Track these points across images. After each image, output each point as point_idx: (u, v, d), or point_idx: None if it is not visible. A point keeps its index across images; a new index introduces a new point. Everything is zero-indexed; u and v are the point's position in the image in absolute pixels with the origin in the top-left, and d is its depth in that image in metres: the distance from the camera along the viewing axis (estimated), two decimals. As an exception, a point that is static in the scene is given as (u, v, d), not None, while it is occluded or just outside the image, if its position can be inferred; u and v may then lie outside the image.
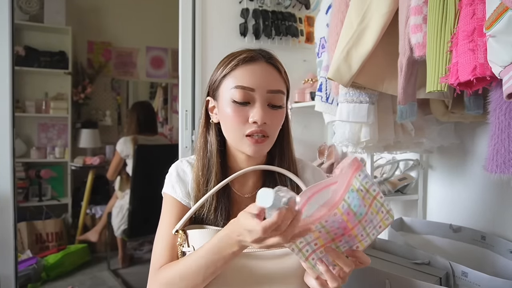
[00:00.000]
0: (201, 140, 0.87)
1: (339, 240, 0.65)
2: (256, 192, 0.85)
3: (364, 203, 0.64)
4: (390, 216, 0.68)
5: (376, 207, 0.66)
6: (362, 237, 0.66)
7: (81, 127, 3.60)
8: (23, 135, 3.36)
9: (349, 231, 0.64)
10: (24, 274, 2.43)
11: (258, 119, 0.76)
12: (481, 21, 0.74)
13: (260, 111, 0.76)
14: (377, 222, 0.67)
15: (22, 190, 3.24)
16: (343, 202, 0.63)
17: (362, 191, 0.64)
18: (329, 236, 0.64)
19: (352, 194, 0.64)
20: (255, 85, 0.78)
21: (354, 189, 0.64)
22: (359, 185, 0.64)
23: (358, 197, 0.64)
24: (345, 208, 0.63)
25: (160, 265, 0.78)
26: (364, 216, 0.65)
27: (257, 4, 1.98)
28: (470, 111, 1.01)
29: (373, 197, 0.65)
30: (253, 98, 0.78)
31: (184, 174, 0.86)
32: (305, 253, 0.64)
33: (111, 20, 3.84)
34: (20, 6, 3.21)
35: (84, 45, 3.75)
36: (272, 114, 0.79)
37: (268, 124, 0.78)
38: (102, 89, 3.87)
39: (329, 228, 0.63)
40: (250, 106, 0.78)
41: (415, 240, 1.36)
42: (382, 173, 1.65)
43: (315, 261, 0.65)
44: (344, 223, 0.63)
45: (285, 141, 0.88)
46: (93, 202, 3.39)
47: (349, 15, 1.15)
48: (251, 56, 0.80)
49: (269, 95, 0.79)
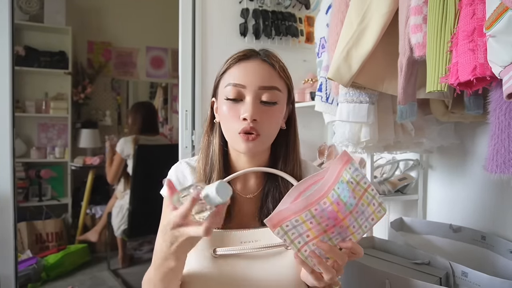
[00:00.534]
0: (205, 141, 0.87)
1: (331, 231, 0.65)
2: (257, 193, 0.86)
3: (354, 195, 0.65)
4: (382, 208, 0.68)
5: (368, 199, 0.66)
6: (354, 228, 0.66)
7: (81, 127, 3.60)
8: (23, 135, 3.36)
9: (340, 222, 0.65)
10: (24, 274, 2.43)
11: (248, 115, 0.76)
12: (481, 21, 0.74)
13: (249, 108, 0.76)
14: (369, 214, 0.67)
15: (22, 190, 3.24)
16: (333, 192, 0.64)
17: (352, 183, 0.64)
18: (321, 227, 0.64)
19: (342, 185, 0.64)
20: (246, 81, 0.78)
21: (344, 181, 0.64)
22: (349, 177, 0.65)
23: (348, 189, 0.64)
24: (335, 198, 0.64)
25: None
26: (354, 207, 0.65)
27: (257, 4, 1.98)
28: (470, 111, 1.01)
29: (364, 189, 0.66)
30: (245, 94, 0.78)
31: (183, 178, 0.86)
32: (297, 244, 0.64)
33: (111, 20, 3.84)
34: (20, 6, 3.21)
35: (84, 45, 3.75)
36: (264, 111, 0.78)
37: (259, 121, 0.77)
38: (102, 89, 3.87)
39: (320, 218, 0.63)
40: (242, 103, 0.78)
41: (415, 240, 1.36)
42: (382, 173, 1.65)
43: (307, 253, 0.65)
44: (334, 213, 0.64)
45: (291, 143, 0.87)
46: (93, 202, 3.39)
47: (349, 15, 1.15)
48: (244, 54, 0.81)
49: (261, 91, 0.78)
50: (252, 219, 0.84)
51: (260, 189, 0.86)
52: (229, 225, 0.81)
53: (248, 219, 0.84)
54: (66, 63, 3.41)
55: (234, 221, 0.82)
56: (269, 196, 0.84)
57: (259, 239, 0.78)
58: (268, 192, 0.84)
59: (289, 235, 0.63)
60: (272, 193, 0.84)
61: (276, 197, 0.83)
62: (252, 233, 0.78)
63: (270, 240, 0.77)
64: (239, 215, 0.84)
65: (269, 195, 0.84)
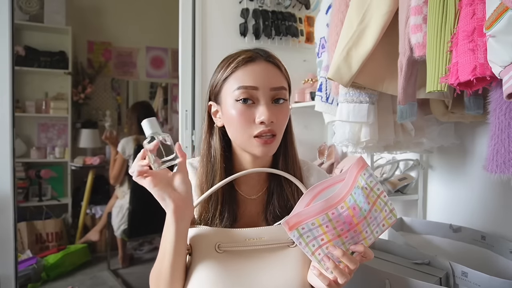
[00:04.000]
0: (205, 146, 0.86)
1: (345, 236, 0.66)
2: (262, 194, 0.86)
3: (368, 201, 0.66)
4: (393, 215, 0.69)
5: (380, 205, 0.68)
6: (366, 233, 0.67)
7: (81, 127, 3.60)
8: (23, 135, 3.36)
9: (354, 227, 0.66)
10: (24, 274, 2.43)
11: (265, 118, 0.76)
12: (481, 21, 0.74)
13: (266, 111, 0.76)
14: (381, 220, 0.68)
15: (22, 190, 3.24)
16: (350, 196, 0.65)
17: (366, 189, 0.66)
18: (336, 232, 0.65)
19: (357, 191, 0.65)
20: (258, 83, 0.78)
21: (360, 186, 0.65)
22: (364, 183, 0.66)
23: (363, 194, 0.65)
24: (352, 203, 0.65)
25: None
26: (368, 213, 0.66)
27: (257, 4, 1.98)
28: (470, 111, 1.01)
29: (377, 196, 0.67)
30: (257, 97, 0.78)
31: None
32: (311, 247, 0.65)
33: (111, 20, 3.84)
34: (20, 6, 3.21)
35: (84, 45, 3.75)
36: (278, 110, 0.79)
37: (275, 123, 0.78)
38: (102, 89, 3.87)
39: (336, 223, 0.64)
40: (255, 106, 0.78)
41: (415, 240, 1.36)
42: (382, 173, 1.65)
43: (321, 257, 0.66)
44: (350, 217, 0.65)
45: (288, 141, 0.87)
46: (93, 202, 3.39)
47: (349, 15, 1.15)
48: (249, 56, 0.80)
49: (272, 92, 0.79)
50: (258, 219, 0.84)
51: (264, 189, 0.87)
52: (235, 226, 0.81)
53: (253, 219, 0.84)
54: (66, 63, 3.41)
55: (240, 223, 0.83)
56: (274, 196, 0.84)
57: (263, 237, 0.78)
58: (273, 191, 0.85)
59: (304, 238, 0.64)
60: (277, 193, 0.84)
61: (281, 196, 0.84)
62: (257, 231, 0.78)
63: (275, 238, 0.78)
64: (244, 216, 0.84)
65: (274, 195, 0.84)
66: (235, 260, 0.76)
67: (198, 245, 0.77)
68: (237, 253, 0.77)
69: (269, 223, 0.82)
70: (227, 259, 0.76)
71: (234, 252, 0.77)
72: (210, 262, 0.75)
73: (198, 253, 0.77)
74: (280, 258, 0.77)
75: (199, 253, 0.77)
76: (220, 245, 0.76)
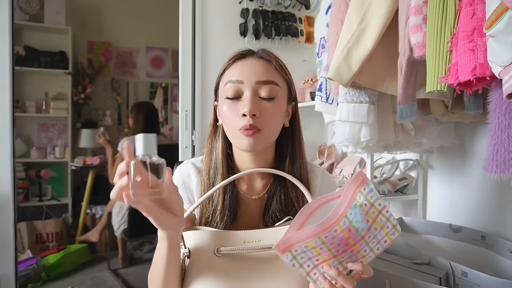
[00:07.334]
0: (208, 145, 0.87)
1: (341, 256, 0.64)
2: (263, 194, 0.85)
3: (367, 218, 0.63)
4: (396, 230, 0.66)
5: (381, 222, 0.64)
6: (365, 252, 0.65)
7: (81, 127, 3.60)
8: (23, 135, 3.36)
9: (351, 247, 0.64)
10: (24, 274, 2.43)
11: (247, 111, 0.75)
12: (481, 21, 0.74)
13: (248, 103, 0.76)
14: (382, 237, 0.66)
15: (22, 190, 3.24)
16: (344, 219, 0.62)
17: (366, 205, 0.62)
18: (331, 253, 0.63)
19: (354, 210, 0.62)
20: (243, 77, 0.78)
21: (358, 204, 0.62)
22: (363, 199, 0.62)
23: (361, 213, 0.62)
24: (347, 225, 0.62)
25: None
26: (366, 232, 0.63)
27: (257, 4, 1.98)
28: (470, 111, 1.01)
29: (379, 212, 0.64)
30: (243, 91, 0.78)
31: (189, 179, 0.87)
32: (306, 268, 0.63)
33: (111, 20, 3.84)
34: (20, 6, 3.21)
35: (84, 45, 3.75)
36: (263, 106, 0.77)
37: (259, 117, 0.76)
38: (102, 89, 3.87)
39: (330, 245, 0.62)
40: (241, 100, 0.78)
41: (415, 240, 1.36)
42: (382, 173, 1.65)
43: (316, 276, 0.64)
44: (345, 239, 0.62)
45: (296, 141, 0.87)
46: (93, 202, 3.39)
47: (349, 15, 1.15)
48: (241, 54, 0.82)
49: (258, 86, 0.78)
50: (258, 220, 0.84)
51: (266, 190, 0.86)
52: (235, 225, 0.81)
53: (253, 220, 0.84)
54: (66, 63, 3.41)
55: (240, 222, 0.82)
56: (275, 197, 0.83)
57: (262, 239, 0.77)
58: (274, 193, 0.84)
59: (298, 259, 0.62)
60: (278, 194, 0.83)
61: (282, 198, 0.83)
62: (256, 234, 0.78)
63: (274, 241, 0.77)
64: (244, 216, 0.84)
65: (275, 196, 0.83)
66: (235, 264, 0.76)
67: (197, 249, 0.77)
68: (237, 256, 0.76)
69: (267, 225, 0.82)
70: (226, 262, 0.76)
71: (234, 256, 0.76)
72: (209, 266, 0.75)
73: (197, 256, 0.76)
74: (279, 262, 0.77)
75: (198, 256, 0.76)
76: (219, 248, 0.76)
